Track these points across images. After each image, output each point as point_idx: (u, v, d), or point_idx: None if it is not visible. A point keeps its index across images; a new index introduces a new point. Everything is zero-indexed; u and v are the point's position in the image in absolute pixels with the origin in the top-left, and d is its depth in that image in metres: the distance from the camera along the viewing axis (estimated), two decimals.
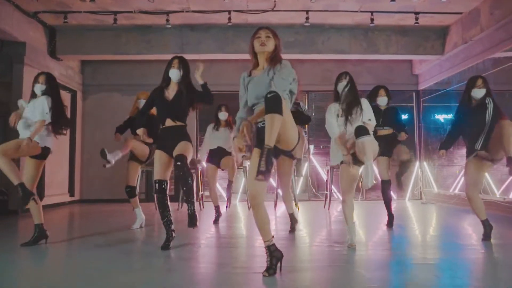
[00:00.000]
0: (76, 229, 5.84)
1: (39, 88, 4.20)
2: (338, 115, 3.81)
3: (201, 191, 7.87)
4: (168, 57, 8.55)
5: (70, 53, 8.09)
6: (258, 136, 2.88)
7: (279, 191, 5.99)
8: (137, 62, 8.90)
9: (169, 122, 3.91)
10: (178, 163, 3.72)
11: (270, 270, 2.81)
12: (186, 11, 7.14)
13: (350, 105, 3.77)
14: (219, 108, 5.94)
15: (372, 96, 5.09)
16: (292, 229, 4.70)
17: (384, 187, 5.07)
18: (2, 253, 3.81)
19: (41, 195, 7.54)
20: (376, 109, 4.66)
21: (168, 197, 3.95)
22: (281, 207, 7.27)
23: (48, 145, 4.14)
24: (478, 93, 4.10)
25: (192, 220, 3.78)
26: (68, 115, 8.69)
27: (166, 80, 3.99)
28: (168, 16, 7.21)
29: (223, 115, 5.89)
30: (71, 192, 8.73)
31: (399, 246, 4.19)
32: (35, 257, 3.68)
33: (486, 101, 4.02)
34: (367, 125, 3.74)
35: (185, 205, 4.16)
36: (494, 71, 6.83)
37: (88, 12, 7.08)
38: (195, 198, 3.86)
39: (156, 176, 3.90)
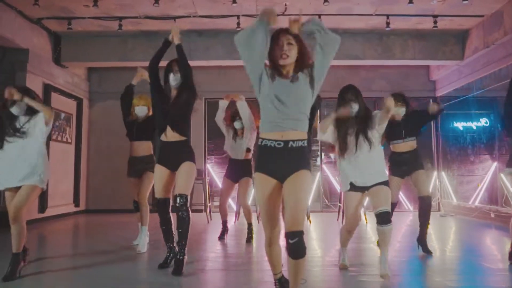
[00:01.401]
0: (80, 242, 5.58)
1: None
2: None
3: (209, 203, 7.59)
4: None
5: (75, 60, 7.89)
6: (261, 156, 2.38)
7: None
8: (145, 69, 8.66)
9: (169, 134, 3.59)
10: (179, 205, 3.50)
11: None
12: (194, 16, 6.89)
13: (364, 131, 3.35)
14: (233, 117, 5.26)
15: None
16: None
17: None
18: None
19: (44, 206, 7.32)
20: (393, 122, 4.23)
21: (171, 216, 3.67)
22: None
23: None
24: None
25: (178, 268, 3.45)
26: (74, 123, 8.52)
27: (167, 88, 3.70)
28: (175, 21, 6.96)
29: (238, 124, 5.19)
30: (76, 202, 8.49)
31: (414, 270, 3.82)
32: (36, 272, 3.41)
33: None
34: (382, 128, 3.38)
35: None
36: None
37: (93, 18, 6.86)
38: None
39: (157, 194, 3.65)
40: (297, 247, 2.21)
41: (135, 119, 4.79)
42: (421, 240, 4.34)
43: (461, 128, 8.55)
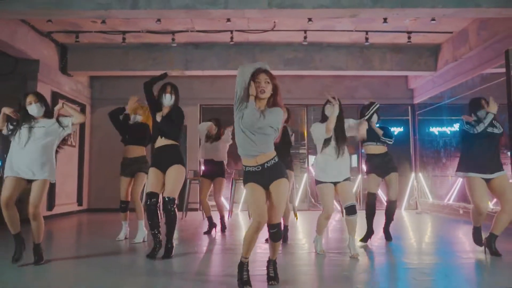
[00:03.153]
0: (84, 238, 6.19)
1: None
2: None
3: None
4: (173, 73, 8.95)
5: (80, 70, 8.51)
6: (247, 175, 3.01)
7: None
8: (143, 78, 9.24)
9: (160, 141, 4.24)
10: (168, 206, 4.11)
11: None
12: (191, 31, 7.56)
13: (342, 141, 4.16)
14: (217, 124, 6.15)
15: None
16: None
17: (371, 199, 5.07)
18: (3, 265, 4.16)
19: (52, 204, 7.91)
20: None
21: (158, 209, 4.32)
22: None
23: None
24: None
25: (168, 253, 4.12)
26: (78, 128, 9.11)
27: (159, 104, 4.30)
28: (174, 35, 7.63)
29: (214, 130, 6.07)
30: (79, 201, 9.10)
31: (393, 253, 4.51)
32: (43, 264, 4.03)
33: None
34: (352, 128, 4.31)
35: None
36: (483, 88, 7.19)
37: (99, 32, 7.50)
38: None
39: (149, 188, 4.25)
40: (276, 234, 3.04)
41: (130, 125, 5.34)
42: (386, 230, 5.12)
43: (436, 133, 9.30)
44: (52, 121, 4.01)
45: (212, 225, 5.88)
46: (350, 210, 4.09)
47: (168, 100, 4.28)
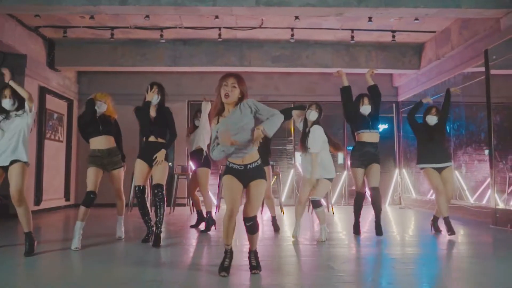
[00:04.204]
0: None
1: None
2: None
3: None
4: (162, 69, 9.09)
5: (68, 65, 8.52)
6: (229, 171, 3.21)
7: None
8: (131, 73, 9.34)
9: (152, 138, 4.60)
10: (156, 191, 4.45)
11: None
12: (179, 27, 7.62)
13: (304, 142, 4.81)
14: (195, 116, 5.98)
15: (356, 105, 5.27)
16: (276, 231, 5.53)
17: (359, 199, 5.16)
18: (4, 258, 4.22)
19: (40, 199, 7.92)
20: (361, 116, 5.16)
21: (146, 199, 4.68)
22: (267, 212, 7.74)
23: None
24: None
25: (157, 241, 4.38)
26: (65, 123, 9.13)
27: (147, 103, 4.56)
28: (162, 32, 7.68)
29: (198, 122, 5.84)
30: (66, 196, 9.11)
31: (377, 244, 4.67)
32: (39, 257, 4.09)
33: None
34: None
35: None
36: (465, 85, 7.40)
37: (87, 27, 7.53)
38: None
39: (136, 182, 4.61)
40: (252, 227, 3.21)
41: (97, 116, 4.87)
42: (377, 224, 5.14)
43: None
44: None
45: (201, 219, 5.83)
46: (314, 204, 4.79)
47: (155, 100, 4.60)
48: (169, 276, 3.19)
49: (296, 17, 6.60)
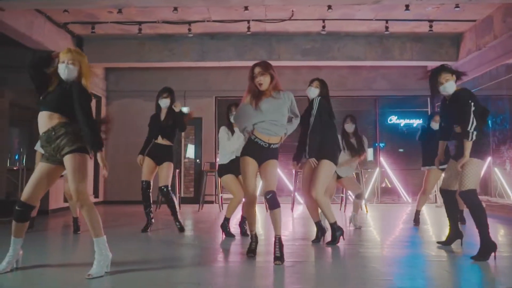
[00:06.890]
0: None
1: None
2: None
3: (221, 193, 8.14)
4: (189, 64, 8.94)
5: (96, 61, 8.45)
6: (249, 147, 3.46)
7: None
8: (158, 69, 9.25)
9: (160, 140, 5.05)
10: (164, 192, 4.96)
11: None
12: (207, 21, 7.46)
13: None
14: (229, 109, 4.93)
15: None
16: (317, 238, 4.37)
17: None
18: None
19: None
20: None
21: (150, 194, 5.08)
22: (299, 209, 7.53)
23: None
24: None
25: (182, 229, 5.07)
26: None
27: (158, 107, 5.12)
28: (190, 26, 7.53)
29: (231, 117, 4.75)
30: (95, 193, 9.11)
31: (413, 245, 4.40)
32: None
33: None
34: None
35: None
36: (507, 77, 6.98)
37: (115, 22, 7.45)
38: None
39: (143, 177, 5.05)
40: (272, 200, 3.34)
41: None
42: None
43: None
44: None
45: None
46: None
47: (164, 103, 5.05)
48: (204, 278, 3.01)
49: (329, 7, 6.33)
